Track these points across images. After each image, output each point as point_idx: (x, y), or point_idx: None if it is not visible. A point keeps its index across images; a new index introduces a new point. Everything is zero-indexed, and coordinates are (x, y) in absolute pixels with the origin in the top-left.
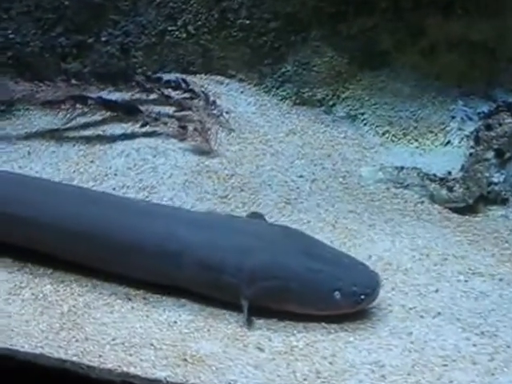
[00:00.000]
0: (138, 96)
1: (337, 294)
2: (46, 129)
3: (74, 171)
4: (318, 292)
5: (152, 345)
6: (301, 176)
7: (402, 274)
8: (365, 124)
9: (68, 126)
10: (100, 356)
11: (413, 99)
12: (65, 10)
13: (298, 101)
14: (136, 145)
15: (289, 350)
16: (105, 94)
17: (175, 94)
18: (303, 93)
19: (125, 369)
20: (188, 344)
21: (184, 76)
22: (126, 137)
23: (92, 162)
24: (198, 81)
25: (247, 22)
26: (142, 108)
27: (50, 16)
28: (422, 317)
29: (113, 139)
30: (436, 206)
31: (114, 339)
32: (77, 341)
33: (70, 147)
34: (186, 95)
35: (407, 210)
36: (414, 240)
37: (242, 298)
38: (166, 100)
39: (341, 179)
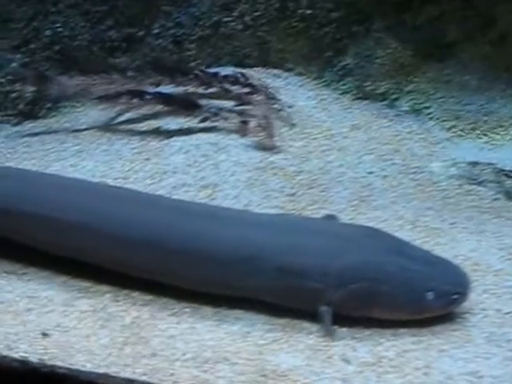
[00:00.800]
0: (194, 90)
1: (430, 295)
2: (96, 125)
3: (129, 170)
4: (411, 293)
5: (226, 359)
6: (371, 172)
7: (492, 276)
8: (430, 118)
9: (119, 120)
10: (171, 374)
11: (481, 92)
12: (115, 2)
13: (359, 95)
14: (195, 141)
15: (377, 361)
16: (162, 89)
17: (234, 88)
18: (365, 86)
19: None
20: (266, 357)
21: (242, 70)
22: (182, 132)
23: (147, 159)
24: (254, 74)
25: (308, 12)
26: (201, 102)
27: (99, 9)
28: None
29: (169, 135)
30: None
31: (184, 354)
32: (143, 357)
33: (123, 144)
34: (246, 90)
35: (484, 207)
36: (501, 239)
37: (323, 304)
38: (225, 94)
39: (412, 175)
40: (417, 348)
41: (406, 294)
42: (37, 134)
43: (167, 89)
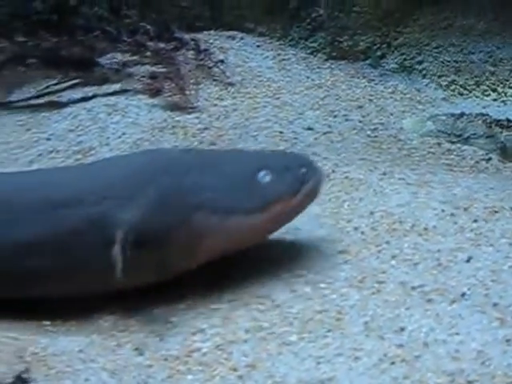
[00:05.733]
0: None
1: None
2: None
3: (3, 142)
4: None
5: None
6: (309, 128)
7: (416, 236)
8: (424, 76)
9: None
10: None
11: (490, 37)
12: None
13: (333, 53)
14: (90, 104)
15: None
16: None
17: (151, 44)
18: (340, 42)
19: None
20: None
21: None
22: (79, 99)
23: (28, 129)
24: (204, 38)
25: None
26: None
27: None
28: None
29: (63, 104)
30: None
31: None
32: None
33: (11, 118)
34: (168, 45)
35: (461, 166)
36: (450, 190)
37: None
38: (138, 50)
39: (369, 132)
40: None
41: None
42: None
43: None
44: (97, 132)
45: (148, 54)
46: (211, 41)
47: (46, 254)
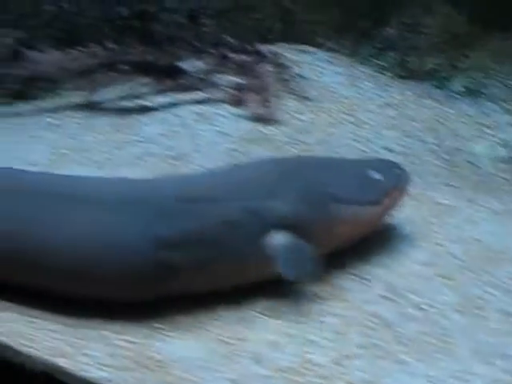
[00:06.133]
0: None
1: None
2: (76, 102)
3: (96, 141)
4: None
5: None
6: (387, 148)
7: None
8: (490, 100)
9: (101, 97)
10: None
11: None
12: None
13: (401, 73)
14: (177, 111)
15: None
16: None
17: (234, 56)
18: (408, 62)
19: None
20: None
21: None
22: (168, 104)
23: (118, 130)
24: (277, 50)
25: None
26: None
27: None
28: None
29: (151, 108)
30: None
31: None
32: None
33: (99, 118)
34: (249, 58)
35: None
36: None
37: None
38: (222, 62)
39: (444, 155)
40: None
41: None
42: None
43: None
44: (187, 138)
45: (230, 65)
46: (284, 54)
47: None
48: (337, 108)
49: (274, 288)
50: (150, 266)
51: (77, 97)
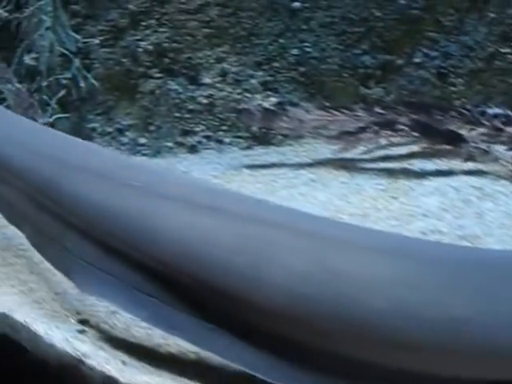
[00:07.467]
0: (457, 129)
1: None
2: (336, 157)
3: (370, 207)
4: None
5: None
6: None
7: None
8: None
9: (365, 156)
10: None
11: None
12: (374, 24)
13: None
14: (454, 183)
15: None
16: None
17: (509, 129)
18: None
19: None
20: None
21: None
22: (440, 172)
23: (394, 197)
24: None
25: None
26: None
27: (355, 30)
28: None
29: (424, 174)
30: None
31: None
32: None
33: (366, 179)
34: None
35: None
36: None
37: None
38: (496, 135)
39: None
40: None
41: None
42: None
43: None
44: (474, 217)
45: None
46: None
47: None
48: None
49: None
50: None
51: (326, 150)
